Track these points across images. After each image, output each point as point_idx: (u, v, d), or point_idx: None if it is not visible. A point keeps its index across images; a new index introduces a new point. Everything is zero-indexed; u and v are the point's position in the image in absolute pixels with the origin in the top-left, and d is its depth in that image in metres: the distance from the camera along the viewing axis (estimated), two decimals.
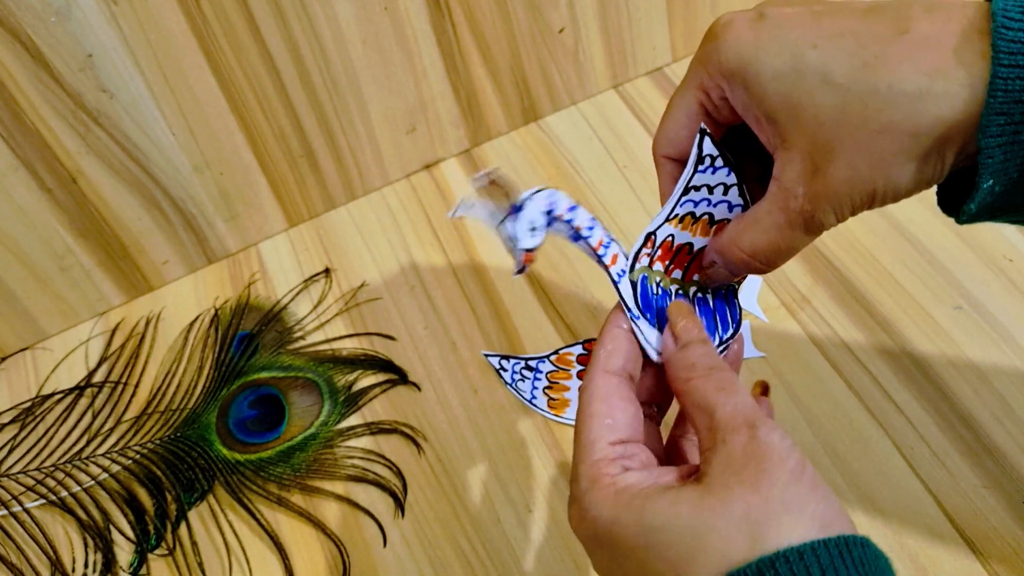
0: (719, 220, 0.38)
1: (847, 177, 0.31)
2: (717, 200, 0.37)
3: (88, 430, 0.58)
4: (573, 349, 0.52)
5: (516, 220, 0.36)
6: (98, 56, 0.53)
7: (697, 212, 0.38)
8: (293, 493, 0.53)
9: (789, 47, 0.32)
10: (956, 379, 0.52)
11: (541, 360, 0.53)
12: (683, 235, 0.38)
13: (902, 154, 0.31)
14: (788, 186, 0.33)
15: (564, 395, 0.53)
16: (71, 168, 0.56)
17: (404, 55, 0.61)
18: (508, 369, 0.55)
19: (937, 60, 0.30)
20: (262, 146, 0.61)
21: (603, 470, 0.33)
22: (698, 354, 0.35)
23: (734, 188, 0.37)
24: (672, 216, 0.37)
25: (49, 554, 0.53)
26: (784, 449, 0.30)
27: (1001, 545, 0.46)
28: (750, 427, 0.31)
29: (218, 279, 0.65)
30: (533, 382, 0.54)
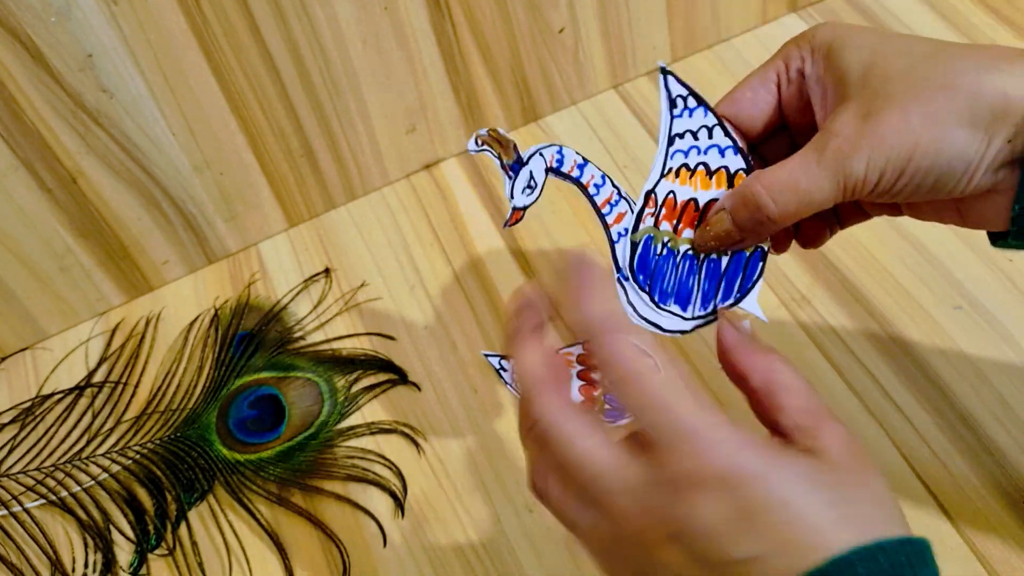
0: (716, 169, 0.38)
1: (895, 125, 0.31)
2: (705, 146, 0.37)
3: (88, 430, 0.58)
4: (573, 349, 0.51)
5: (515, 176, 0.36)
6: (98, 56, 0.53)
7: (691, 163, 0.38)
8: (293, 493, 0.53)
9: (880, 32, 0.34)
10: (956, 379, 0.52)
11: None
12: (684, 190, 0.38)
13: (955, 114, 0.31)
14: (833, 128, 0.33)
15: None
16: (71, 168, 0.56)
17: (404, 55, 0.61)
18: (508, 369, 0.53)
19: (1007, 54, 0.31)
20: (262, 146, 0.61)
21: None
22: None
23: (716, 129, 0.37)
24: (667, 171, 0.38)
25: (49, 554, 0.53)
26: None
27: (1001, 545, 0.46)
28: (837, 421, 0.31)
29: (218, 279, 0.65)
30: None
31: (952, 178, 0.32)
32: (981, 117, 0.31)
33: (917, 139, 0.31)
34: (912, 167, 0.32)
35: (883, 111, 0.32)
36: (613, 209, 0.38)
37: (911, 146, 0.31)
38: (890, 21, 0.70)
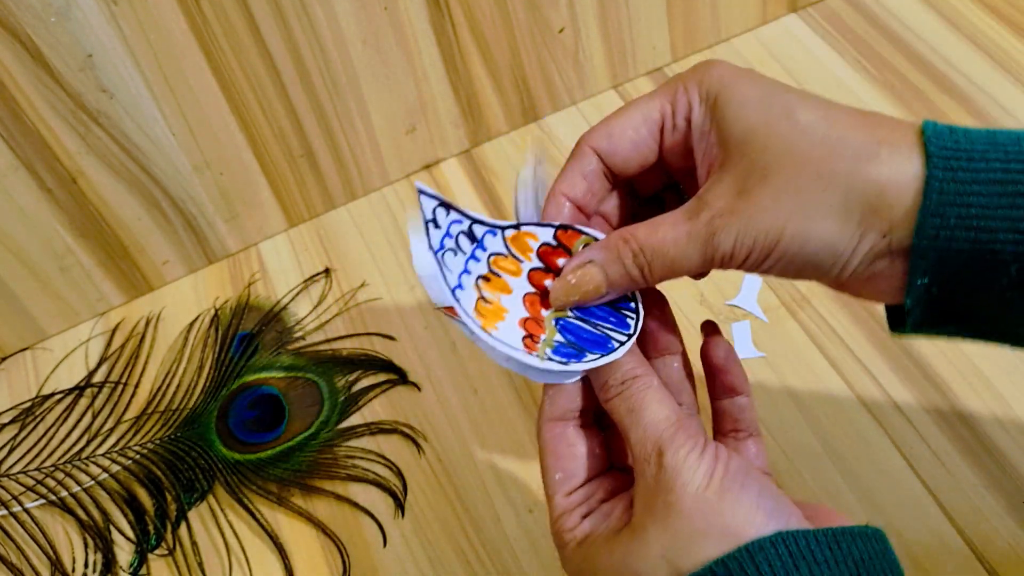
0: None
1: (766, 207, 0.31)
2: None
3: (88, 430, 0.58)
4: (540, 231, 0.37)
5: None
6: (98, 56, 0.53)
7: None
8: (293, 493, 0.53)
9: (768, 86, 0.32)
10: (956, 379, 0.52)
11: (492, 231, 0.36)
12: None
13: (826, 206, 0.30)
14: (706, 199, 0.32)
15: (500, 300, 0.36)
16: (71, 168, 0.56)
17: (404, 55, 0.61)
18: (442, 227, 0.36)
19: (891, 137, 0.30)
20: (262, 146, 0.61)
21: (563, 527, 0.34)
22: (610, 368, 0.34)
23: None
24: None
25: (49, 554, 0.53)
26: (688, 469, 0.30)
27: (1001, 545, 0.46)
28: (658, 454, 0.31)
29: (218, 279, 0.65)
30: (468, 260, 0.36)
31: (821, 267, 0.31)
32: (854, 210, 0.30)
33: (785, 225, 0.30)
34: (779, 251, 0.31)
35: (755, 189, 0.31)
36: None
37: (779, 231, 0.30)
38: (890, 21, 0.70)
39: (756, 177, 0.31)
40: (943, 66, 0.66)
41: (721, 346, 0.37)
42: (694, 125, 0.34)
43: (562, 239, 0.36)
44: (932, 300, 0.31)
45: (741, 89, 0.32)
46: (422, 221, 0.35)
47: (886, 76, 0.67)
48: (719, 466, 0.30)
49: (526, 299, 0.36)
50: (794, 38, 0.70)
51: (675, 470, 0.30)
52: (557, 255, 0.36)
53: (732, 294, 0.57)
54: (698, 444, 0.31)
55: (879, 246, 0.30)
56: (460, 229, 0.36)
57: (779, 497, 0.30)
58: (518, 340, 0.35)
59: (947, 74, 0.66)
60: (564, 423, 0.35)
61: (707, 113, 0.33)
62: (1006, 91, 0.64)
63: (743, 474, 0.30)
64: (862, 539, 0.30)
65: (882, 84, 0.66)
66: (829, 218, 0.30)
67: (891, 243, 0.30)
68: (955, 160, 0.29)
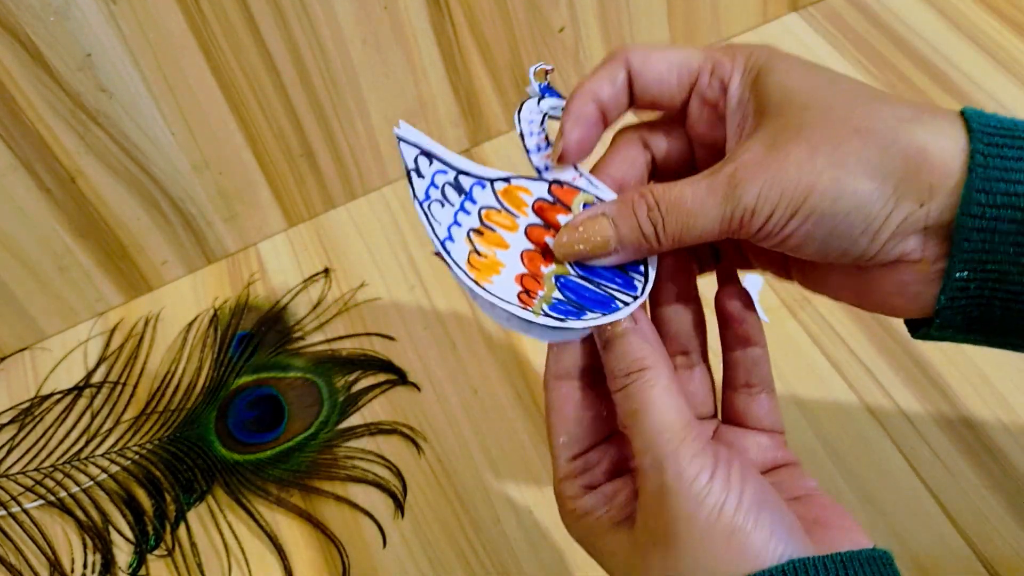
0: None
1: (799, 159, 0.28)
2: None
3: (87, 431, 0.57)
4: (533, 186, 0.35)
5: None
6: (97, 55, 0.52)
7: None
8: (292, 494, 0.53)
9: (814, 64, 0.31)
10: (957, 379, 0.52)
11: (480, 182, 0.35)
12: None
13: (864, 161, 0.28)
14: (736, 154, 0.30)
15: (496, 254, 0.34)
16: (70, 168, 0.56)
17: (404, 54, 0.61)
18: (426, 176, 0.34)
19: (933, 109, 0.29)
20: (261, 146, 0.61)
21: (565, 492, 0.32)
22: (618, 353, 0.31)
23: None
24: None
25: (48, 555, 0.53)
26: (693, 498, 0.28)
27: (1002, 546, 0.46)
28: (658, 469, 0.28)
29: (217, 279, 0.64)
30: (457, 212, 0.34)
31: (850, 234, 0.29)
32: (893, 170, 0.28)
33: (817, 178, 0.28)
34: (806, 208, 0.29)
35: (790, 143, 0.29)
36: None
37: (809, 185, 0.28)
38: (891, 21, 0.69)
39: (791, 132, 0.29)
40: (944, 65, 0.66)
41: (738, 294, 0.34)
42: (730, 93, 0.32)
43: (559, 195, 0.35)
44: (968, 299, 0.29)
45: (787, 62, 0.31)
46: (404, 169, 0.34)
47: (887, 75, 0.67)
48: (731, 497, 0.28)
49: (524, 255, 0.34)
50: (795, 37, 0.70)
51: (678, 494, 0.28)
52: (556, 211, 0.34)
53: None
54: (706, 464, 0.28)
55: (914, 216, 0.28)
56: (446, 180, 0.34)
57: (792, 532, 0.28)
58: (513, 295, 0.33)
59: (948, 73, 0.66)
60: (570, 381, 0.33)
61: (748, 83, 0.31)
62: (1007, 90, 0.64)
63: (756, 510, 0.28)
64: (870, 564, 0.28)
65: (883, 83, 0.66)
66: (865, 176, 0.28)
67: (928, 214, 0.28)
68: (999, 137, 0.28)
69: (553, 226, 0.34)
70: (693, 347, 0.35)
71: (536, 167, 0.36)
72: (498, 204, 0.34)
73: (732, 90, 0.32)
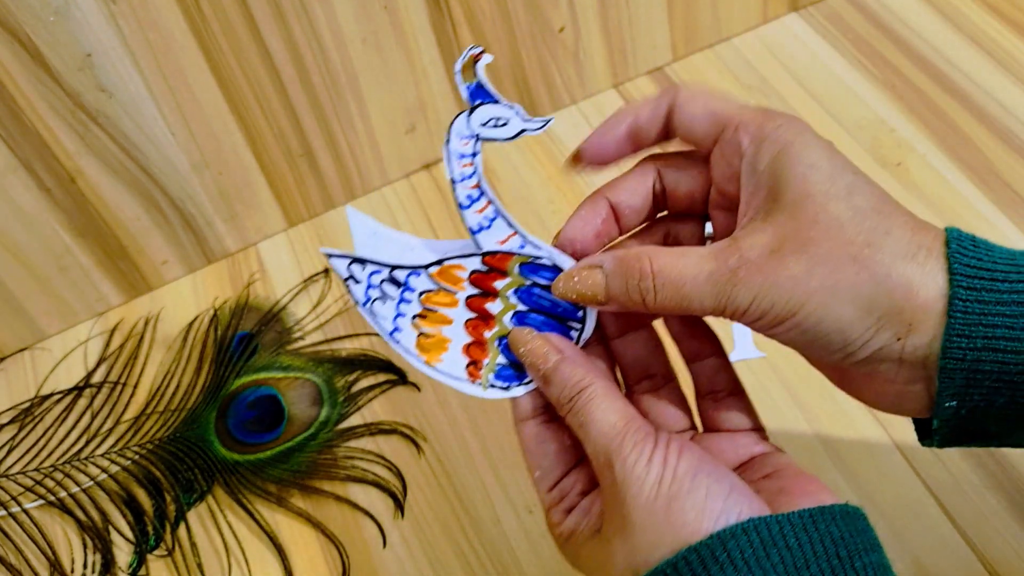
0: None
1: (795, 276, 0.30)
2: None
3: (87, 431, 0.57)
4: (466, 262, 0.36)
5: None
6: (97, 55, 0.52)
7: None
8: (292, 494, 0.53)
9: (840, 162, 0.32)
10: None
11: (415, 272, 0.36)
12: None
13: (854, 292, 0.29)
14: (740, 244, 0.31)
15: (441, 331, 0.36)
16: (70, 168, 0.56)
17: (404, 54, 0.61)
18: (362, 281, 0.36)
19: (934, 243, 0.30)
20: (261, 146, 0.61)
21: (552, 521, 0.34)
22: (556, 384, 0.33)
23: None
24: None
25: (48, 555, 0.53)
26: (636, 479, 0.30)
27: (1003, 546, 0.46)
28: (608, 466, 0.31)
29: (217, 279, 0.64)
30: (399, 304, 0.36)
31: (828, 348, 0.31)
32: (879, 304, 0.29)
33: (808, 299, 0.30)
34: (792, 322, 0.31)
35: (791, 255, 0.30)
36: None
37: (800, 303, 0.30)
38: (891, 21, 0.69)
39: (796, 243, 0.30)
40: (944, 65, 0.66)
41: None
42: (745, 157, 0.33)
43: (492, 263, 0.35)
44: (960, 420, 0.30)
45: (815, 151, 0.31)
46: (341, 281, 0.36)
47: (887, 75, 0.67)
48: (667, 471, 0.30)
49: (467, 325, 0.36)
50: (795, 37, 0.70)
51: (624, 482, 0.30)
52: (493, 278, 0.36)
53: None
54: (646, 449, 0.30)
55: (891, 348, 0.30)
56: (381, 278, 0.36)
57: (732, 492, 0.29)
58: (462, 369, 0.36)
59: (948, 73, 0.66)
60: (533, 421, 0.35)
61: (770, 155, 0.32)
62: (1007, 90, 0.64)
63: (690, 477, 0.29)
64: (842, 518, 0.29)
65: (883, 83, 0.66)
66: (852, 304, 0.30)
67: (904, 348, 0.30)
68: (978, 280, 0.29)
69: (491, 292, 0.36)
70: (656, 369, 0.37)
71: (469, 227, 0.35)
72: (435, 286, 0.36)
73: (746, 154, 0.33)
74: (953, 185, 0.60)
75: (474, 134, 0.34)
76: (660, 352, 0.37)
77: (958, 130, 0.63)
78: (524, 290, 0.35)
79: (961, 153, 0.61)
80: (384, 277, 0.36)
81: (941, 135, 0.63)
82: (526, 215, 0.63)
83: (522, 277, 0.35)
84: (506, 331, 0.36)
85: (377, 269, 0.36)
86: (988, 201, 0.59)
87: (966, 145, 0.62)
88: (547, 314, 0.35)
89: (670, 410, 0.36)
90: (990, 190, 0.59)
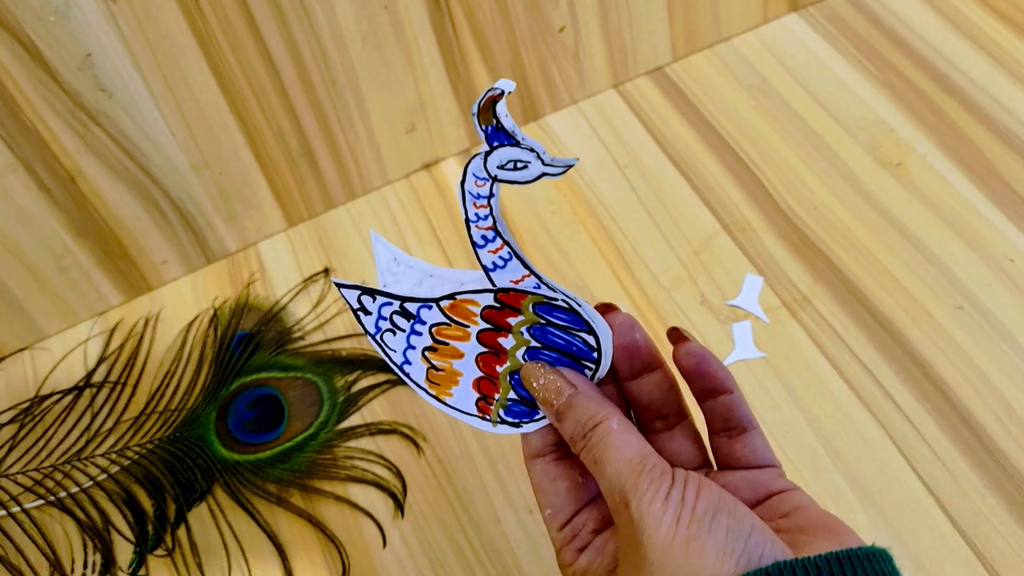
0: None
1: None
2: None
3: (87, 430, 0.57)
4: (480, 297, 0.35)
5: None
6: (97, 55, 0.52)
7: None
8: (293, 494, 0.53)
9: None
10: (957, 379, 0.52)
11: (426, 305, 0.35)
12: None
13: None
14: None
15: (452, 364, 0.36)
16: (70, 168, 0.56)
17: (404, 54, 0.61)
18: (373, 312, 0.36)
19: None
20: (261, 146, 0.61)
21: (563, 561, 0.34)
22: (570, 419, 0.33)
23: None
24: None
25: (48, 555, 0.53)
26: (653, 520, 0.29)
27: (1003, 546, 0.46)
28: (624, 504, 0.30)
29: (217, 279, 0.64)
30: (409, 336, 0.36)
31: None
32: None
33: None
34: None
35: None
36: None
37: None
38: (891, 21, 0.69)
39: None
40: (944, 65, 0.66)
41: (689, 354, 0.35)
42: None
43: (507, 300, 0.34)
44: None
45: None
46: (351, 311, 0.36)
47: (887, 75, 0.67)
48: (685, 510, 0.29)
49: (479, 359, 0.36)
50: (795, 37, 0.70)
51: (640, 522, 0.29)
52: (506, 315, 0.35)
53: (733, 294, 0.57)
54: (663, 487, 0.29)
55: None
56: (392, 310, 0.36)
57: (753, 533, 0.28)
58: (472, 404, 0.36)
59: (948, 73, 0.66)
60: (543, 459, 0.35)
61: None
62: (1006, 90, 0.64)
63: (709, 517, 0.28)
64: (868, 561, 0.28)
65: (883, 83, 0.66)
66: None
67: None
68: None
69: (504, 327, 0.35)
70: (669, 408, 0.36)
71: (483, 265, 0.34)
72: (447, 320, 0.35)
73: None
74: (953, 185, 0.60)
75: (490, 176, 0.32)
76: (674, 392, 0.36)
77: (958, 130, 0.63)
78: (538, 327, 0.35)
79: (961, 153, 0.61)
80: (395, 309, 0.36)
81: (941, 135, 0.63)
82: (526, 215, 0.63)
83: (536, 315, 0.34)
84: (519, 366, 0.35)
85: (388, 301, 0.35)
86: (988, 201, 0.59)
87: (966, 145, 0.62)
88: (561, 352, 0.35)
89: (685, 447, 0.36)
90: (990, 190, 0.59)
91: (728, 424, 0.35)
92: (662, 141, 0.65)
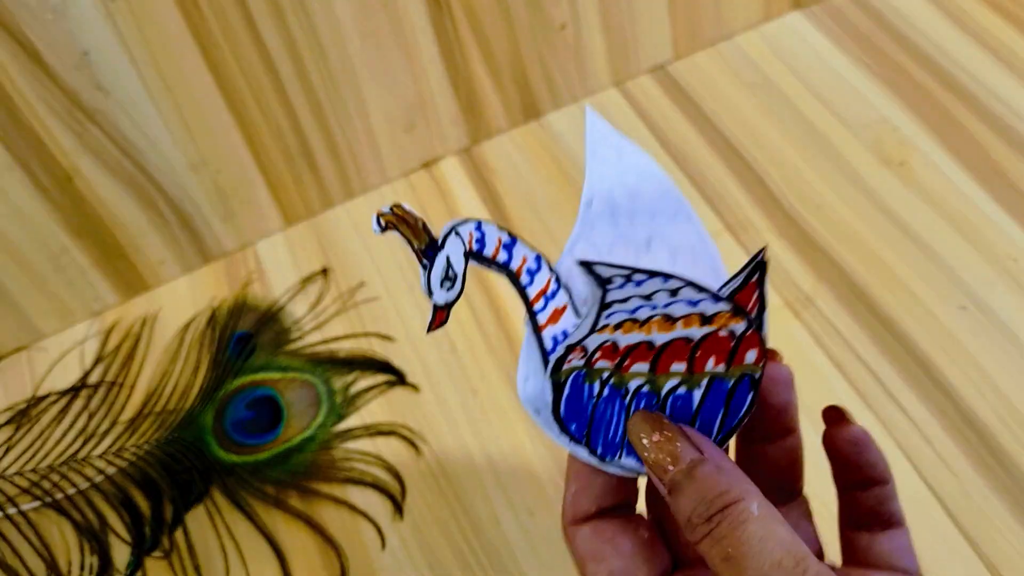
0: (683, 316, 0.28)
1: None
2: (666, 302, 0.27)
3: (84, 431, 0.57)
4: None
5: (430, 265, 0.27)
6: (94, 53, 0.52)
7: (640, 316, 0.27)
8: (291, 496, 0.53)
9: None
10: (961, 380, 0.51)
11: None
12: (632, 337, 0.28)
13: None
14: None
15: None
16: (67, 167, 0.56)
17: (403, 52, 0.61)
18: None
19: None
20: (259, 144, 0.61)
21: None
22: (690, 494, 0.26)
23: (685, 289, 0.27)
24: (600, 326, 0.28)
25: (45, 556, 0.53)
26: None
27: (1006, 548, 0.46)
28: None
29: (215, 279, 0.64)
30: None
31: None
32: None
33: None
34: None
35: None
36: (548, 304, 0.29)
37: None
38: (894, 18, 0.69)
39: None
40: (947, 63, 0.66)
41: (854, 442, 0.30)
42: None
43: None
44: None
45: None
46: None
47: (889, 73, 0.66)
48: None
49: None
50: (797, 35, 0.70)
51: None
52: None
53: None
54: None
55: None
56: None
57: None
58: None
59: (951, 71, 0.65)
60: (590, 522, 0.28)
61: None
62: (1010, 89, 0.64)
63: None
64: None
65: (885, 81, 0.66)
66: None
67: None
68: None
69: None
70: (788, 484, 0.31)
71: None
72: None
73: None
74: (956, 184, 0.60)
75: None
76: (799, 463, 0.31)
77: (962, 129, 0.62)
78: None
79: (965, 152, 0.61)
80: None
81: (945, 134, 0.62)
82: (527, 214, 0.63)
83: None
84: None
85: None
86: (992, 200, 0.58)
87: (970, 144, 0.61)
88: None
89: (800, 532, 0.28)
90: (994, 190, 0.59)
91: (877, 518, 0.30)
92: (664, 140, 0.65)
